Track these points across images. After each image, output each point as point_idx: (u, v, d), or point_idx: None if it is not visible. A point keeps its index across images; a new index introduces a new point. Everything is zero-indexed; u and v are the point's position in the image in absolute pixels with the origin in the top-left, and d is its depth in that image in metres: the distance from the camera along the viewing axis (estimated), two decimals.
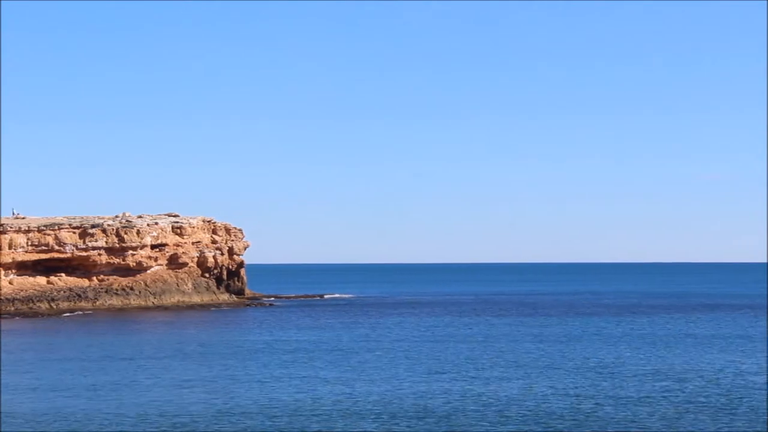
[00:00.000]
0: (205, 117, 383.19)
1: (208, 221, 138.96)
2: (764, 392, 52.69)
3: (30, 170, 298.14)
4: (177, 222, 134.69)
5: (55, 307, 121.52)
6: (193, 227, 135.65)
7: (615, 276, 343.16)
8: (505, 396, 51.67)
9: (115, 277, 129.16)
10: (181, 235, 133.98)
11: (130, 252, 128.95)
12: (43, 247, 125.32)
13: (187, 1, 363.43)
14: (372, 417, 45.99)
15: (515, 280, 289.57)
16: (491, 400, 50.22)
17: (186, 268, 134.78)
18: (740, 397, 51.13)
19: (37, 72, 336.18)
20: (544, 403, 49.60)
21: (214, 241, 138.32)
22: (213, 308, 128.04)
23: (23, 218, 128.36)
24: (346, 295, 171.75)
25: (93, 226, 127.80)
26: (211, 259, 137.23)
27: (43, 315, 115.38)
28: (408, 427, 43.88)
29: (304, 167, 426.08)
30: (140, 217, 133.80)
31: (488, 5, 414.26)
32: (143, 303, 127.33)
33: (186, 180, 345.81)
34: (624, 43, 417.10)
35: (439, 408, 48.07)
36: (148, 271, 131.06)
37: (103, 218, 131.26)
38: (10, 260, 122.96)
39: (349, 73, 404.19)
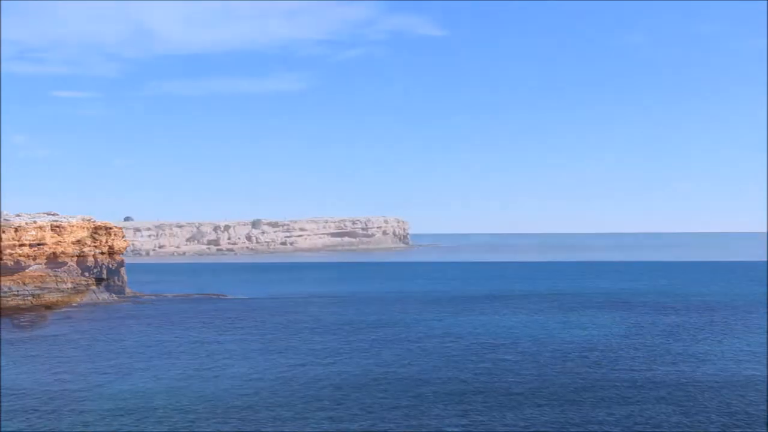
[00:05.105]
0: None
1: (88, 220, 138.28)
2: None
3: None
4: (56, 221, 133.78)
5: None
6: (73, 226, 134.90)
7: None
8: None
9: None
10: (60, 233, 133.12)
11: (8, 251, 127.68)
12: None
13: None
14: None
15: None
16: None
17: (65, 267, 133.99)
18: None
19: None
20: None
21: (93, 240, 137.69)
22: (92, 307, 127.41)
23: None
24: (240, 296, 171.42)
25: None
26: (90, 258, 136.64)
27: None
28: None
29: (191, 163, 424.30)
30: (18, 215, 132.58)
31: (484, 5, 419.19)
32: (21, 303, 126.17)
33: (65, 179, 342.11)
34: (619, 36, 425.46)
35: None
36: (26, 270, 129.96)
37: None
38: None
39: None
